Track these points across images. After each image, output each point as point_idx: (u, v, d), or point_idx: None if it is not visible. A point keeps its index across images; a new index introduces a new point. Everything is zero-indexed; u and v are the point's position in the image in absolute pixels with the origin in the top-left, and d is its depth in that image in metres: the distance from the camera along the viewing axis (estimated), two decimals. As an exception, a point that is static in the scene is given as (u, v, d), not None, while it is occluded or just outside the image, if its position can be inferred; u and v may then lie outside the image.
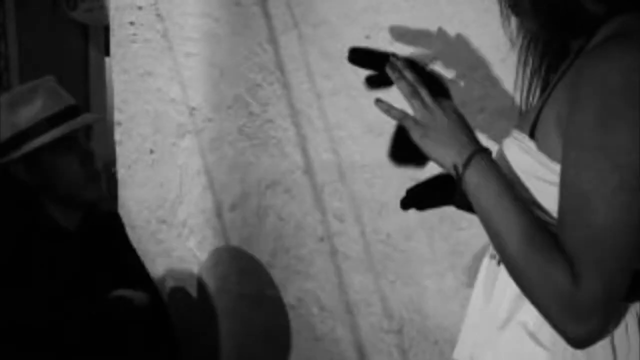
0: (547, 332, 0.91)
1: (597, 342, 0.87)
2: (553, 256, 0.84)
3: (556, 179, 0.88)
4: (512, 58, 1.43)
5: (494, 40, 1.46)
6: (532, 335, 0.94)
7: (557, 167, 0.88)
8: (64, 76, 3.69)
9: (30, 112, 1.60)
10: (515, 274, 0.89)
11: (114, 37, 2.18)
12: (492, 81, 1.48)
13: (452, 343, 1.63)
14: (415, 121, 0.98)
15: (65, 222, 1.66)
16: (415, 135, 0.98)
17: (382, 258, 1.71)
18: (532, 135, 0.93)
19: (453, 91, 1.53)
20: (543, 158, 0.90)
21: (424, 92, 0.98)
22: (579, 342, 0.85)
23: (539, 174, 0.90)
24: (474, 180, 0.92)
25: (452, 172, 0.95)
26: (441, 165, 0.97)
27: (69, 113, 1.64)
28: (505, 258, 0.89)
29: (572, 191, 0.84)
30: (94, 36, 3.95)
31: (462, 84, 1.52)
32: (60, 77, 1.78)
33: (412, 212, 1.65)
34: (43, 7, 3.68)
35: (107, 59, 3.93)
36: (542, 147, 0.90)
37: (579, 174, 0.83)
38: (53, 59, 3.68)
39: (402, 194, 1.65)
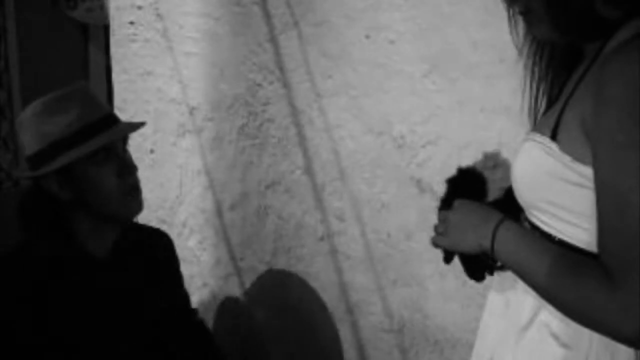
0: (570, 332, 0.93)
1: None
2: (585, 279, 0.87)
3: (579, 179, 0.90)
4: (512, 58, 1.44)
5: (494, 40, 1.45)
6: (555, 336, 0.95)
7: (580, 168, 0.89)
8: (64, 76, 3.69)
9: (65, 122, 1.43)
10: (560, 307, 0.92)
11: (114, 37, 2.17)
12: (492, 81, 1.48)
13: (452, 343, 1.63)
14: (437, 234, 1.10)
15: (95, 249, 1.50)
16: (442, 243, 1.09)
17: (383, 258, 1.71)
18: (553, 137, 0.94)
19: (453, 91, 1.54)
20: (566, 159, 0.91)
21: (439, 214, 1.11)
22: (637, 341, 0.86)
23: (563, 175, 0.92)
24: (504, 250, 0.99)
25: (483, 251, 1.03)
26: (471, 252, 1.05)
27: (107, 122, 1.48)
28: (547, 300, 0.94)
29: (608, 191, 0.85)
30: (94, 36, 3.94)
31: (462, 84, 1.52)
32: (60, 77, 1.73)
33: (412, 212, 1.65)
34: (43, 7, 3.67)
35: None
36: (565, 149, 0.92)
37: (614, 173, 0.84)
38: (53, 59, 3.68)
39: (402, 193, 1.65)
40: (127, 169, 1.49)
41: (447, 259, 1.15)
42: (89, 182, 1.45)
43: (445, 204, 1.16)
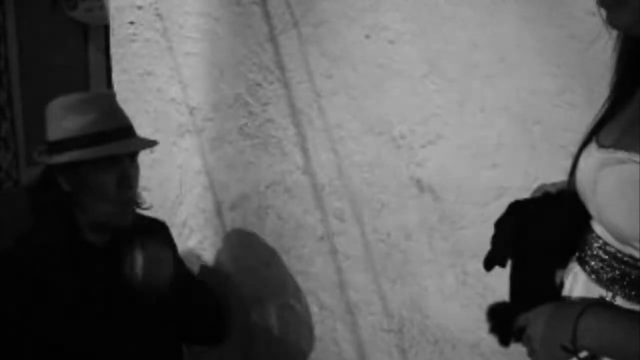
0: None
1: None
2: None
3: None
4: (512, 58, 1.44)
5: (494, 40, 1.45)
6: None
7: None
8: (64, 76, 3.70)
9: (79, 123, 1.55)
10: None
11: (114, 37, 2.18)
12: (492, 81, 1.48)
13: (452, 343, 1.63)
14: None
15: (94, 239, 1.63)
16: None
17: (382, 257, 1.71)
18: None
19: (453, 91, 1.54)
20: None
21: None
22: None
23: None
24: (593, 327, 0.89)
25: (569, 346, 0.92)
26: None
27: (120, 134, 1.59)
28: None
29: None
30: (94, 36, 3.95)
31: (462, 84, 1.52)
32: (60, 77, 1.76)
33: (412, 212, 1.65)
34: (43, 7, 3.68)
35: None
36: None
37: None
38: (53, 59, 3.69)
39: (402, 193, 1.65)
40: (127, 182, 1.59)
41: (504, 341, 1.09)
42: (90, 184, 1.56)
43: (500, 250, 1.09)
